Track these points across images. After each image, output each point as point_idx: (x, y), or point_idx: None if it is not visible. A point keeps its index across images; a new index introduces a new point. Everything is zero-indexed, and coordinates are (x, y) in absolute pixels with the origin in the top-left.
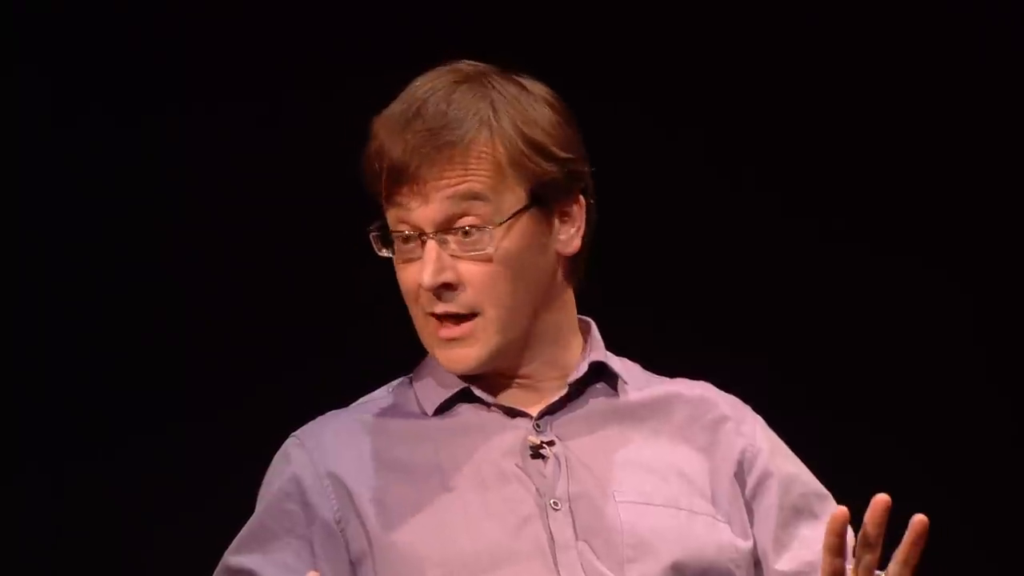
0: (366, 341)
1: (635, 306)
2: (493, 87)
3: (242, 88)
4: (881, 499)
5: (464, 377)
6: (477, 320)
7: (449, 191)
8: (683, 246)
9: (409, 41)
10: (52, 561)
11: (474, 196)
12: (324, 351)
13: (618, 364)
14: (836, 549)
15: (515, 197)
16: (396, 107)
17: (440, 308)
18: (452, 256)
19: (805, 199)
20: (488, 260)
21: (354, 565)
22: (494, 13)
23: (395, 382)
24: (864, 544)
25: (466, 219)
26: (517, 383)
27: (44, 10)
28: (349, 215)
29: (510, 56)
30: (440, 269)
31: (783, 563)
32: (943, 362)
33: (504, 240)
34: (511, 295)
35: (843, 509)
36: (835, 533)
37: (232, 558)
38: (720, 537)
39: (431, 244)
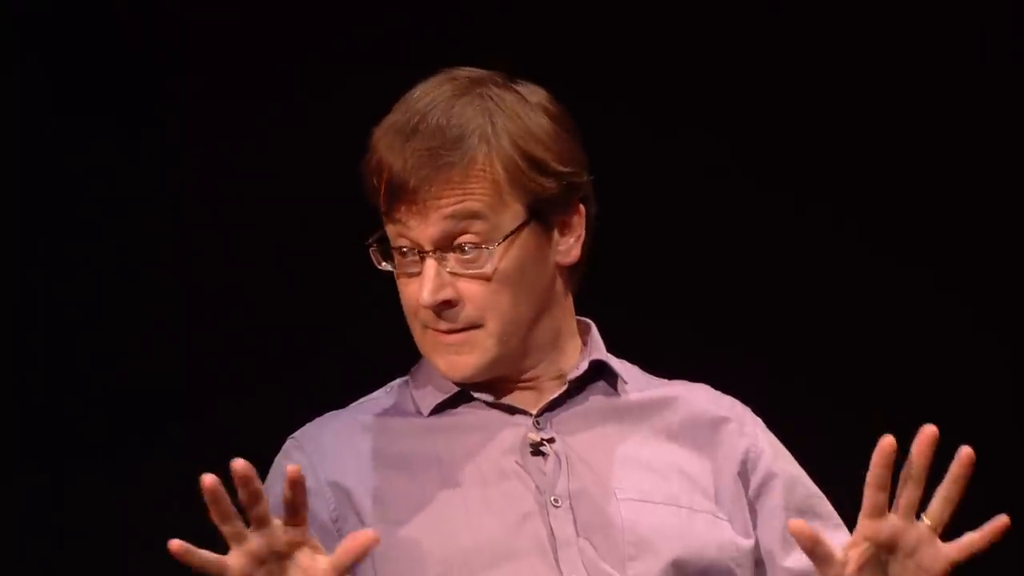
0: (366, 341)
1: (634, 306)
2: (491, 99)
3: (242, 88)
4: (929, 429)
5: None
6: (477, 331)
7: (448, 210)
8: (682, 247)
9: (409, 41)
10: (52, 561)
11: (472, 215)
12: (324, 351)
13: (618, 364)
14: (882, 482)
15: (513, 214)
16: (395, 118)
17: (442, 326)
18: (451, 273)
19: (805, 199)
20: (487, 278)
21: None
22: (493, 14)
23: (394, 383)
24: (907, 479)
25: (465, 237)
26: (516, 385)
27: (44, 10)
28: (349, 215)
29: (508, 56)
30: (439, 287)
31: (792, 561)
32: (945, 362)
33: (503, 257)
34: (511, 309)
35: (890, 438)
36: (882, 465)
37: None
38: (721, 535)
39: (430, 262)
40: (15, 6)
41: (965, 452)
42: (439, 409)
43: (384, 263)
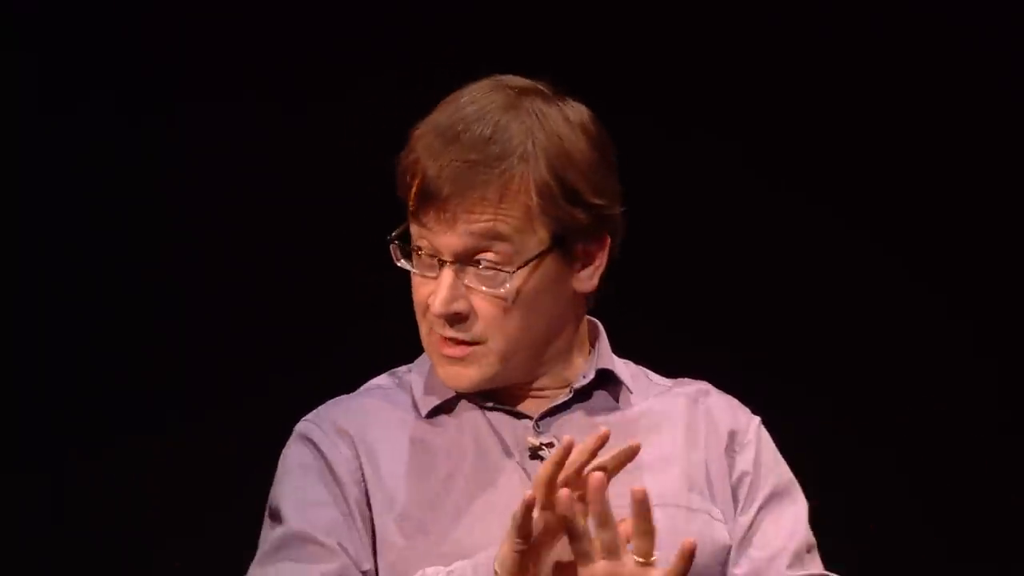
0: (366, 341)
1: (634, 306)
2: (536, 116)
3: (243, 87)
4: (596, 477)
5: None
6: (481, 347)
7: (475, 226)
8: (683, 247)
9: (411, 41)
10: (52, 561)
11: (498, 236)
12: (324, 351)
13: (623, 368)
14: (576, 532)
15: (538, 240)
16: (438, 119)
17: (449, 333)
18: (467, 286)
19: (807, 200)
20: (502, 298)
21: None
22: (496, 14)
23: (399, 371)
24: (596, 526)
25: (486, 255)
26: (519, 391)
27: (43, 9)
28: (349, 214)
29: (512, 56)
30: (453, 298)
31: (741, 567)
32: (944, 363)
33: (520, 282)
34: (519, 331)
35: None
36: (565, 518)
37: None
38: (715, 536)
39: (447, 272)
40: (14, 6)
41: (633, 490)
42: (438, 410)
43: (402, 260)
